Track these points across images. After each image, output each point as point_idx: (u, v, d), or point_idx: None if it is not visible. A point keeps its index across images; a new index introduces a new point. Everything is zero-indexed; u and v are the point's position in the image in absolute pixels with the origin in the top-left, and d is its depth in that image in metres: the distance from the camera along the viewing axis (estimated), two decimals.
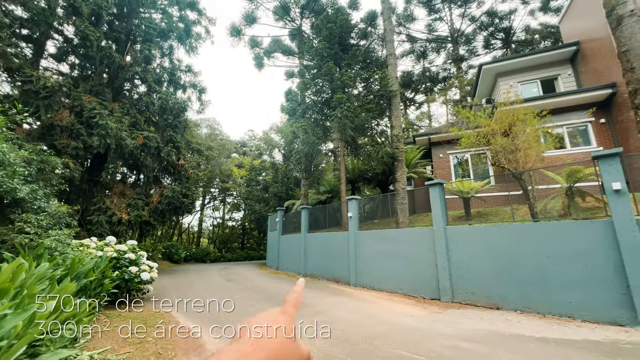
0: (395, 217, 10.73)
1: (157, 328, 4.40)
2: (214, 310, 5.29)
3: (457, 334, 4.23)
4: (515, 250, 5.81)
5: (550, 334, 4.16)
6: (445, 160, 13.02)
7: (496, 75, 14.05)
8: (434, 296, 6.83)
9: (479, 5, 28.02)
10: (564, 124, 10.70)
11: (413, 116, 33.83)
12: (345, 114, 11.13)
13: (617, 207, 4.86)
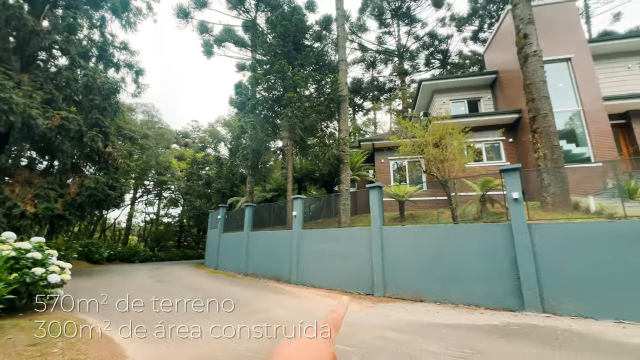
0: (337, 217, 11.16)
1: (65, 336, 3.86)
2: (140, 312, 4.86)
3: (385, 325, 4.61)
4: (438, 249, 6.55)
5: (460, 321, 4.81)
6: (386, 165, 13.99)
7: (433, 91, 15.61)
8: (368, 292, 7.30)
9: (422, 27, 30.71)
10: (482, 140, 12.42)
11: (360, 122, 35.48)
12: (295, 114, 11.19)
13: (514, 213, 5.84)
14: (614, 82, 12.43)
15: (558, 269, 5.27)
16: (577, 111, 11.10)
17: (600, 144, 10.50)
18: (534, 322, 4.68)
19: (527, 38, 8.93)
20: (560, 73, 11.51)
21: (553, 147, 8.18)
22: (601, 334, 4.07)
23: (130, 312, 4.87)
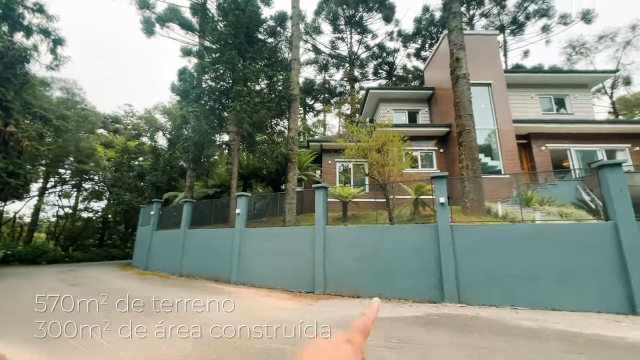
0: (283, 216, 11.13)
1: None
2: (40, 321, 4.19)
3: (323, 321, 4.77)
4: (375, 248, 7.01)
5: (390, 314, 5.22)
6: (332, 166, 14.42)
7: (379, 100, 16.62)
8: (309, 290, 7.45)
9: (373, 38, 32.42)
10: (419, 149, 13.67)
11: (310, 122, 35.92)
12: (244, 108, 10.82)
13: (441, 216, 6.57)
14: (520, 108, 14.85)
15: (472, 264, 6.09)
16: (494, 130, 12.97)
17: (508, 159, 12.44)
18: (451, 312, 5.33)
19: (459, 62, 10.13)
20: (482, 95, 13.31)
21: (474, 159, 9.42)
22: (500, 319, 4.83)
23: (30, 323, 4.15)
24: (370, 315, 0.44)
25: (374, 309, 0.45)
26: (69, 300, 4.66)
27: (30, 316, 4.29)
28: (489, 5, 27.66)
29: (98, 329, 4.06)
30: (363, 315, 0.43)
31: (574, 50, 28.59)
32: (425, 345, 3.59)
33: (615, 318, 4.81)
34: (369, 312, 0.44)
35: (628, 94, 28.85)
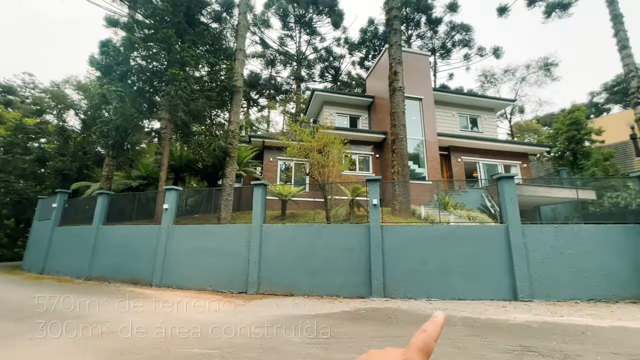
0: (218, 213, 10.53)
1: None
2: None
3: (255, 322, 4.65)
4: (311, 246, 7.14)
5: (322, 311, 5.38)
6: (274, 164, 14.22)
7: (323, 102, 17.00)
8: (241, 290, 7.19)
9: (321, 40, 33.03)
10: (357, 152, 14.42)
11: (254, 117, 34.83)
12: (180, 94, 9.90)
13: (373, 216, 7.03)
14: (444, 123, 16.88)
15: (397, 261, 6.67)
16: (422, 140, 14.46)
17: (432, 167, 14.00)
18: (376, 306, 5.75)
19: (397, 75, 11.00)
20: (414, 108, 14.71)
21: (404, 165, 10.34)
22: (417, 310, 5.40)
23: None
24: (432, 332, 0.35)
25: (437, 323, 0.36)
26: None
27: None
28: (424, 29, 30.76)
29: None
30: (423, 331, 0.35)
31: (486, 79, 33.74)
32: (352, 339, 3.79)
33: (502, 304, 5.81)
34: (430, 328, 0.36)
35: (521, 121, 35.28)
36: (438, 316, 0.37)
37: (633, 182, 10.40)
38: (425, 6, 29.02)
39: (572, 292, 6.10)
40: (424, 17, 30.03)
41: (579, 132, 18.67)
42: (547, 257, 6.33)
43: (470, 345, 3.55)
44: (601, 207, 12.73)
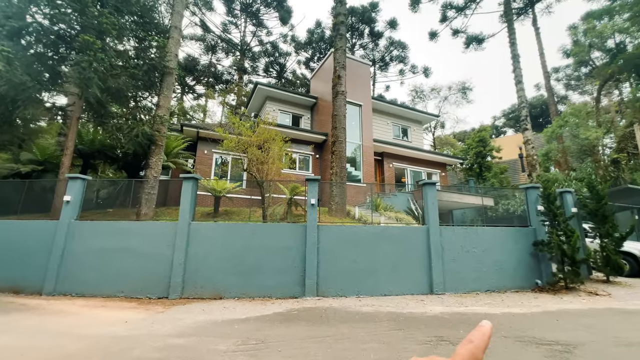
0: (138, 208, 9.27)
1: None
2: None
3: (174, 331, 4.17)
4: (245, 246, 6.79)
5: (252, 314, 5.14)
6: (209, 157, 13.22)
7: (266, 97, 16.53)
8: (162, 295, 6.44)
9: (267, 34, 32.16)
10: (298, 151, 14.41)
11: (189, 105, 31.99)
12: (95, 67, 8.39)
13: (310, 216, 7.05)
14: (380, 130, 18.10)
15: (331, 260, 6.81)
16: (359, 145, 15.21)
17: (367, 171, 14.85)
18: (309, 306, 5.76)
19: (340, 79, 11.32)
20: (354, 114, 15.39)
21: (342, 167, 10.69)
22: (347, 307, 5.58)
23: None
24: (479, 343, 0.32)
25: (485, 333, 0.33)
26: None
27: None
28: (367, 39, 32.56)
29: None
30: (470, 342, 0.32)
31: (416, 94, 37.48)
32: (283, 342, 3.68)
33: (421, 298, 6.43)
34: (478, 338, 0.32)
35: (442, 135, 40.23)
36: (485, 326, 0.34)
37: (520, 192, 12.68)
38: (369, 18, 30.75)
39: (474, 285, 7.11)
40: (367, 29, 31.79)
41: (484, 148, 22.11)
42: (457, 255, 7.25)
43: (393, 339, 3.78)
44: (497, 212, 15.25)
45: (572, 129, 19.86)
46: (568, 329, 4.18)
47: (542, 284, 7.27)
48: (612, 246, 7.53)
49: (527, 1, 23.64)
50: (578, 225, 8.42)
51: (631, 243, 9.00)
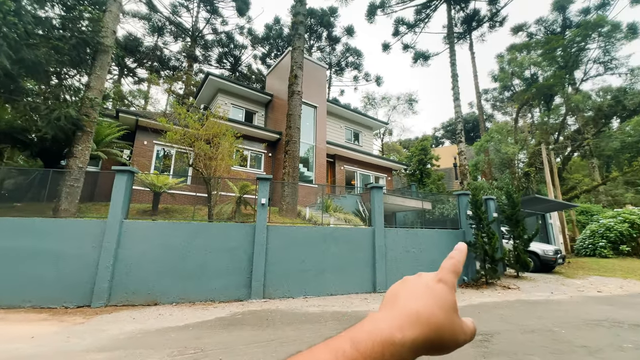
0: (56, 202, 7.99)
1: None
2: None
3: (95, 345, 3.67)
4: (187, 247, 6.32)
5: (192, 320, 4.79)
6: (149, 149, 12.02)
7: (218, 89, 15.67)
8: (83, 303, 5.63)
9: (223, 24, 30.59)
10: (250, 149, 13.96)
11: (128, 89, 28.75)
12: (5, 34, 6.99)
13: (260, 216, 6.86)
14: (333, 133, 18.52)
15: (279, 261, 6.71)
16: (313, 146, 15.34)
17: (319, 172, 15.05)
18: (255, 308, 5.59)
19: (297, 79, 11.27)
20: (309, 115, 15.47)
21: (295, 167, 10.66)
22: (293, 309, 5.56)
23: None
24: (459, 258, 0.39)
25: (462, 250, 0.40)
26: None
27: None
28: (325, 43, 33.07)
29: None
30: (451, 258, 0.39)
31: (369, 101, 39.29)
32: (225, 350, 3.50)
33: (365, 297, 6.72)
34: (457, 255, 0.39)
35: (389, 141, 42.84)
36: (462, 244, 0.41)
37: (454, 198, 14.07)
38: (328, 22, 31.28)
39: None
40: (325, 32, 32.29)
41: (425, 156, 24.10)
42: (399, 255, 7.75)
43: None
44: (433, 215, 16.72)
45: (496, 144, 22.83)
46: (487, 320, 4.77)
47: (467, 280, 8.18)
48: (522, 246, 8.83)
49: (466, 27, 26.52)
50: (498, 229, 9.68)
51: (535, 244, 10.66)
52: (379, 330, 0.30)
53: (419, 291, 0.35)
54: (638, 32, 21.01)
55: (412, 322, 0.31)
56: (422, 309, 0.33)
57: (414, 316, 0.32)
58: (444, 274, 0.37)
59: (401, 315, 0.32)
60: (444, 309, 0.34)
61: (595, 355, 3.34)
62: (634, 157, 23.66)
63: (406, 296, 0.35)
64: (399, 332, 0.30)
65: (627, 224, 13.89)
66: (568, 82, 24.24)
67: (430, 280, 0.37)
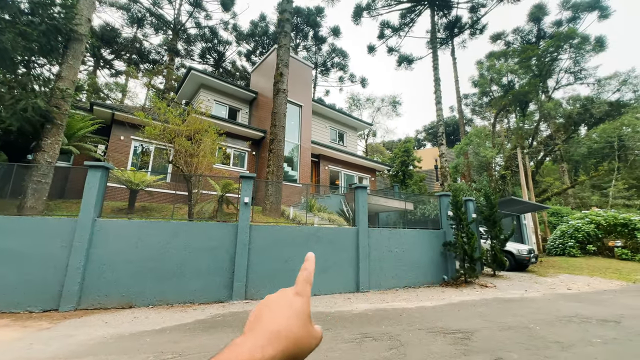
0: (22, 200, 7.45)
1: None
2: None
3: (62, 352, 3.42)
4: (165, 247, 6.07)
5: (169, 323, 4.60)
6: (126, 144, 11.49)
7: (201, 85, 15.24)
8: (50, 307, 5.27)
9: (207, 18, 29.83)
10: (233, 146, 13.67)
11: (104, 81, 27.44)
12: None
13: (243, 215, 6.71)
14: (318, 132, 18.49)
15: (262, 262, 6.59)
16: (297, 145, 15.24)
17: (304, 171, 14.96)
18: (236, 310, 5.44)
19: (282, 77, 11.14)
20: (294, 114, 15.36)
21: (279, 166, 10.52)
22: None
23: None
24: (310, 269, 0.44)
25: (311, 260, 0.45)
26: None
27: None
28: (311, 42, 33.00)
29: None
30: (304, 270, 0.43)
31: (353, 102, 39.60)
32: (204, 354, 3.36)
33: (348, 296, 6.72)
34: (309, 265, 0.44)
35: (373, 142, 43.38)
36: (310, 255, 0.46)
37: (435, 199, 14.40)
38: (314, 22, 31.24)
39: (394, 282, 7.77)
40: (312, 32, 32.22)
41: (408, 158, 24.56)
42: (382, 254, 7.82)
43: None
44: (415, 216, 17.05)
45: (475, 147, 23.64)
46: (467, 318, 4.88)
47: (447, 279, 8.38)
48: (499, 246, 9.15)
49: (449, 34, 27.29)
50: (476, 229, 9.99)
51: (510, 243, 11.10)
52: (238, 353, 0.31)
53: (279, 309, 0.37)
54: (604, 45, 22.42)
55: (272, 340, 0.33)
56: (282, 325, 0.35)
57: (274, 333, 0.34)
58: (300, 287, 0.41)
59: (263, 335, 0.33)
60: (302, 320, 0.37)
61: (568, 350, 3.49)
62: (599, 162, 25.24)
63: (268, 315, 0.37)
64: (259, 352, 0.31)
65: (594, 225, 14.77)
66: (542, 90, 25.52)
67: (289, 296, 0.40)
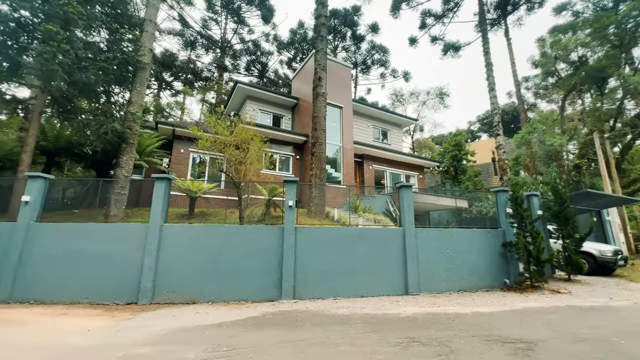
0: (106, 209, 8.81)
1: None
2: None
3: (141, 339, 3.97)
4: (220, 248, 6.62)
5: (226, 319, 5.00)
6: (185, 156, 12.80)
7: (247, 96, 16.26)
8: (131, 300, 6.14)
9: (249, 32, 31.70)
10: (278, 152, 14.28)
11: (166, 101, 30.85)
12: (61, 60, 7.88)
13: (288, 218, 6.99)
14: (360, 132, 18.31)
15: (308, 263, 6.76)
16: (340, 146, 15.30)
17: (347, 172, 14.96)
18: (285, 309, 5.69)
19: (320, 81, 11.33)
20: (334, 115, 15.47)
21: (322, 169, 10.70)
22: (323, 310, 5.57)
23: None
24: None
25: None
26: None
27: None
28: (349, 42, 32.89)
29: None
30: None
31: (396, 98, 38.31)
32: (255, 348, 3.60)
33: (396, 299, 6.54)
34: None
35: (420, 138, 41.35)
36: None
37: (492, 195, 13.20)
38: (352, 21, 31.08)
39: (447, 285, 7.33)
40: (349, 32, 32.11)
41: (460, 152, 22.90)
42: (431, 256, 7.44)
43: (366, 341, 3.81)
44: (470, 214, 15.82)
45: (539, 135, 21.04)
46: (531, 327, 4.39)
47: (510, 283, 7.61)
48: (572, 246, 8.02)
49: (500, 13, 24.82)
50: (543, 227, 8.90)
51: (590, 244, 9.64)
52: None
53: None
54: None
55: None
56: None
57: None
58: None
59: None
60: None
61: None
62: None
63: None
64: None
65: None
66: (624, 62, 21.64)
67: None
